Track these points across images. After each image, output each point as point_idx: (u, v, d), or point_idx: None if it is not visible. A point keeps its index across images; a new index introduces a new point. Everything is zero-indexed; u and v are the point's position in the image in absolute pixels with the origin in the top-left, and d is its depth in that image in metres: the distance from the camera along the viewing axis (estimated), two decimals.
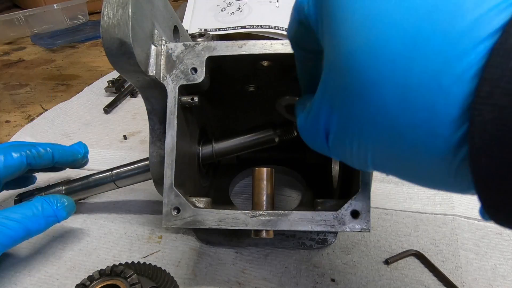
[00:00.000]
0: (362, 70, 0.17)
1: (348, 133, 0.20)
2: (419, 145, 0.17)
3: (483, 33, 0.14)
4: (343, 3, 0.18)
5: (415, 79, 0.16)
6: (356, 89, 0.18)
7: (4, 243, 0.36)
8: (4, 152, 0.42)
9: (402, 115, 0.17)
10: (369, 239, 0.42)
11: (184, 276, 0.39)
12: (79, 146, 0.49)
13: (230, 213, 0.32)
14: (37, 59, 1.09)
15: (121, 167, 0.46)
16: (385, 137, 0.18)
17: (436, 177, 0.18)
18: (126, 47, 0.30)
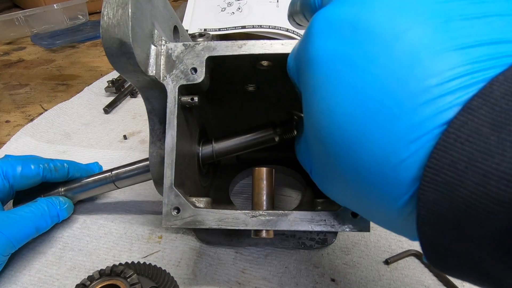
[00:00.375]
0: (327, 144, 0.21)
1: (319, 175, 0.25)
2: (369, 205, 0.21)
3: (415, 137, 0.17)
4: (311, 88, 0.21)
5: (364, 162, 0.19)
6: (323, 155, 0.22)
7: (18, 238, 0.39)
8: (22, 163, 0.44)
9: (355, 181, 0.20)
10: (369, 239, 0.42)
11: (184, 276, 0.39)
12: (95, 166, 0.52)
13: (230, 213, 0.32)
14: (37, 59, 1.09)
15: (120, 167, 0.46)
16: (342, 193, 0.23)
17: (387, 225, 0.22)
18: (126, 47, 0.30)
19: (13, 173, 0.43)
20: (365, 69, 0.18)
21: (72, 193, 0.47)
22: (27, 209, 0.41)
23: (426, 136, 0.16)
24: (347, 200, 0.23)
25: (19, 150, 0.63)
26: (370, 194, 0.20)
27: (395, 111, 0.17)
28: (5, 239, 0.38)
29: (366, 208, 0.22)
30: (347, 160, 0.20)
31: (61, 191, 0.47)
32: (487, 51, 0.16)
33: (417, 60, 0.16)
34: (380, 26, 0.18)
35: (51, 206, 0.43)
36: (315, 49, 0.21)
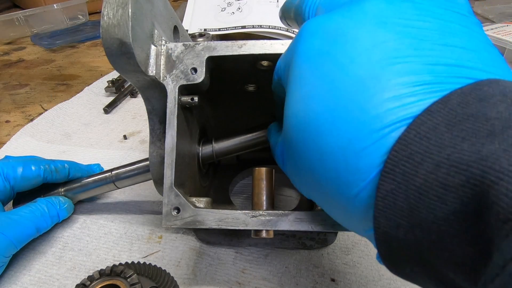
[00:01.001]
0: (300, 130, 0.23)
1: (288, 166, 0.27)
2: (330, 193, 0.22)
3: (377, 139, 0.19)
4: (295, 79, 0.24)
5: (329, 147, 0.21)
6: (295, 143, 0.24)
7: (19, 239, 0.39)
8: (23, 164, 0.44)
9: (319, 166, 0.22)
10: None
11: (184, 276, 0.39)
12: (96, 167, 0.52)
13: (230, 213, 0.32)
14: (37, 59, 1.09)
15: (120, 167, 0.46)
16: (308, 181, 0.25)
17: (344, 219, 0.24)
18: (126, 47, 0.30)
19: (14, 174, 0.43)
20: (344, 64, 0.20)
21: (72, 193, 0.47)
22: (27, 210, 0.41)
23: (389, 129, 0.18)
24: (311, 191, 0.25)
25: (19, 150, 0.63)
26: (331, 181, 0.21)
27: (365, 103, 0.19)
28: (7, 240, 0.38)
29: (326, 199, 0.23)
30: (315, 145, 0.22)
31: (61, 191, 0.47)
32: (449, 71, 0.19)
33: (391, 64, 0.19)
34: (361, 35, 0.21)
35: (50, 206, 0.43)
36: (303, 46, 0.24)
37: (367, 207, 0.20)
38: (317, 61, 0.22)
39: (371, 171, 0.19)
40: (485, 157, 0.15)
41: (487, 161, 0.14)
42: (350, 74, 0.20)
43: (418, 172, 0.17)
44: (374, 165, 0.19)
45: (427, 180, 0.16)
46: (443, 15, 0.20)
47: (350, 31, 0.21)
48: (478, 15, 1.09)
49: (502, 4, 1.12)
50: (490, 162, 0.14)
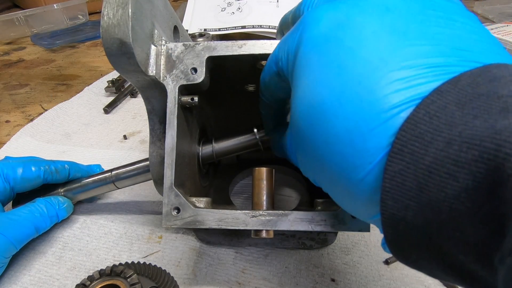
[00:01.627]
0: (310, 115, 0.23)
1: (299, 157, 0.27)
2: (336, 177, 0.22)
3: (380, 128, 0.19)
4: (302, 66, 0.24)
5: (337, 130, 0.21)
6: (301, 133, 0.24)
7: (19, 239, 0.39)
8: (23, 165, 0.44)
9: (327, 151, 0.22)
10: (369, 239, 0.42)
11: (184, 276, 0.39)
12: (96, 168, 0.51)
13: (230, 213, 0.32)
14: (37, 59, 1.09)
15: (120, 168, 0.46)
16: (316, 166, 0.25)
17: (350, 205, 0.23)
18: (126, 47, 0.30)
19: (14, 175, 0.43)
20: (352, 48, 0.20)
21: (72, 193, 0.47)
22: (26, 210, 0.41)
23: (397, 109, 0.18)
24: (319, 176, 0.25)
25: (19, 150, 0.63)
26: (337, 165, 0.21)
27: (373, 84, 0.19)
28: (6, 241, 0.38)
29: (333, 184, 0.23)
30: (322, 130, 0.21)
31: (60, 192, 0.47)
32: (458, 54, 0.19)
33: (399, 47, 0.19)
34: (368, 21, 0.21)
35: (49, 206, 0.43)
36: (309, 33, 0.23)
37: (373, 191, 0.19)
38: (324, 46, 0.22)
39: (378, 153, 0.19)
40: (499, 131, 0.14)
41: (501, 135, 0.14)
42: (358, 58, 0.20)
43: (428, 151, 0.16)
44: (382, 146, 0.18)
45: (438, 158, 0.16)
46: (444, 5, 0.21)
47: (356, 17, 0.21)
48: (478, 15, 1.09)
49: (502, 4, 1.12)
50: (505, 136, 0.14)
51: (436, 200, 0.16)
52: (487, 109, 0.15)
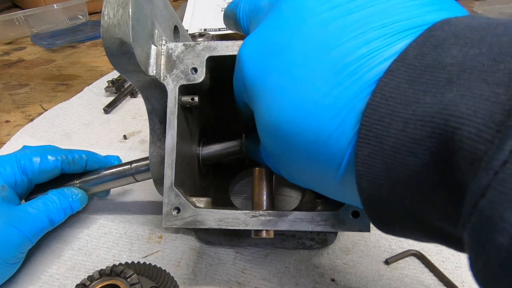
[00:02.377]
0: (272, 137, 0.24)
1: (278, 168, 0.29)
2: (317, 180, 0.24)
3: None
4: (256, 101, 0.25)
5: (302, 145, 0.22)
6: (273, 147, 0.25)
7: (34, 233, 0.39)
8: (40, 155, 0.42)
9: (302, 162, 0.23)
10: (369, 239, 0.42)
11: (184, 276, 0.39)
12: (114, 159, 0.50)
13: (230, 213, 0.32)
14: (37, 59, 1.09)
15: (140, 160, 0.45)
16: (297, 176, 0.27)
17: (333, 194, 0.25)
18: (126, 47, 0.30)
19: (31, 167, 0.41)
20: (290, 63, 0.22)
21: (88, 185, 0.45)
22: (39, 202, 0.40)
23: (353, 101, 0.19)
24: (299, 181, 0.27)
25: None
26: (314, 172, 0.23)
27: (322, 87, 0.20)
28: (22, 236, 0.37)
29: (317, 185, 0.25)
30: (288, 148, 0.23)
31: (76, 183, 0.45)
32: (399, 27, 0.19)
33: (337, 45, 0.20)
34: (296, 35, 0.22)
35: (62, 198, 0.42)
36: (246, 73, 0.25)
37: (352, 182, 0.20)
38: (263, 77, 0.24)
39: (345, 151, 0.20)
40: (446, 106, 0.15)
41: (447, 110, 0.15)
42: (297, 70, 0.21)
43: (389, 132, 0.17)
44: (347, 142, 0.19)
45: (398, 138, 0.17)
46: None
47: (283, 35, 0.22)
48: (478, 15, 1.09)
49: (502, 4, 1.12)
50: (451, 110, 0.15)
51: (403, 177, 0.17)
52: (434, 83, 0.16)
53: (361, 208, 0.22)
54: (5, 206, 0.38)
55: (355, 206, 0.31)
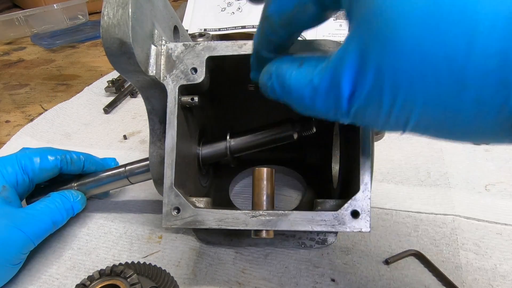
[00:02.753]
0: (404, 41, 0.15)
1: (388, 89, 0.17)
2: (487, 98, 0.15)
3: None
4: None
5: None
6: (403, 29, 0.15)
7: (37, 234, 0.39)
8: (40, 155, 0.43)
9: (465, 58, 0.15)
10: (369, 239, 0.42)
11: (184, 276, 0.39)
12: (111, 161, 0.51)
13: (230, 213, 0.32)
14: (37, 59, 1.09)
15: (134, 163, 0.45)
16: (443, 89, 0.16)
17: (497, 133, 0.16)
18: (126, 47, 0.30)
19: (32, 166, 0.42)
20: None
21: (86, 188, 0.46)
22: (42, 204, 0.41)
23: None
24: (435, 112, 0.17)
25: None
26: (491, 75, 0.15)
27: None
28: (25, 237, 0.37)
29: (474, 113, 0.16)
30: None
31: (74, 186, 0.46)
32: None
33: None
34: None
35: (64, 200, 0.43)
36: None
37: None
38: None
39: None
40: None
41: None
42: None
43: None
44: None
45: None
46: None
47: None
48: None
49: None
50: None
51: None
52: None
53: None
54: (7, 207, 0.38)
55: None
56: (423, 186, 0.49)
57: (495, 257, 0.39)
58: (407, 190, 0.49)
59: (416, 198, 0.47)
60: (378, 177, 0.51)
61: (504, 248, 0.40)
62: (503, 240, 0.41)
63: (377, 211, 0.46)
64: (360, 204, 0.31)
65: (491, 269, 0.38)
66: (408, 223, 0.44)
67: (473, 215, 0.44)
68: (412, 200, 0.47)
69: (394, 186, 0.50)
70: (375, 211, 0.46)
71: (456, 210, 0.45)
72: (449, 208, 0.45)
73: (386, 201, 0.47)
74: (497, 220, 0.43)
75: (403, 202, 0.47)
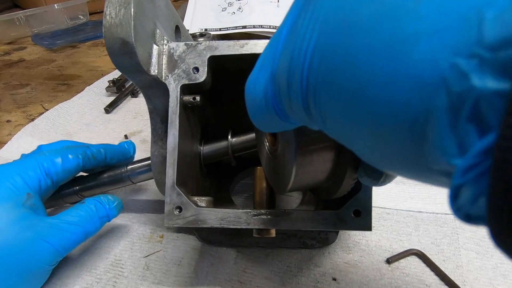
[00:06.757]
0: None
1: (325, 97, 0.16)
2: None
3: None
4: None
5: None
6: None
7: (66, 247, 0.36)
8: (61, 154, 0.40)
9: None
10: (370, 238, 0.42)
11: (185, 275, 0.39)
12: (129, 145, 0.49)
13: (232, 212, 0.32)
14: (38, 59, 1.09)
15: (135, 162, 0.45)
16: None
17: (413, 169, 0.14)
18: (128, 46, 0.30)
19: (55, 169, 0.39)
20: None
21: (87, 190, 0.46)
22: (75, 213, 0.38)
23: None
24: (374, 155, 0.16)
25: (20, 150, 0.63)
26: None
27: None
28: (52, 249, 0.35)
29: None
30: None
31: (76, 189, 0.45)
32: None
33: None
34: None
35: (99, 207, 0.39)
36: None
37: None
38: None
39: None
40: None
41: None
42: None
43: None
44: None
45: None
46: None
47: None
48: None
49: None
50: None
51: None
52: None
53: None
54: (33, 216, 0.36)
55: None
56: (424, 185, 0.49)
57: (496, 256, 0.39)
58: (408, 190, 0.49)
59: (417, 198, 0.47)
60: None
61: None
62: None
63: (378, 210, 0.46)
64: (362, 203, 0.31)
65: (492, 269, 0.38)
66: (409, 222, 0.44)
67: None
68: (413, 199, 0.47)
69: (395, 185, 0.50)
70: (376, 210, 0.46)
71: None
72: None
73: (388, 201, 0.47)
74: None
75: (404, 201, 0.47)
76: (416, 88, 0.12)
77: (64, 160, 0.40)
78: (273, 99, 0.19)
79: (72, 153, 0.41)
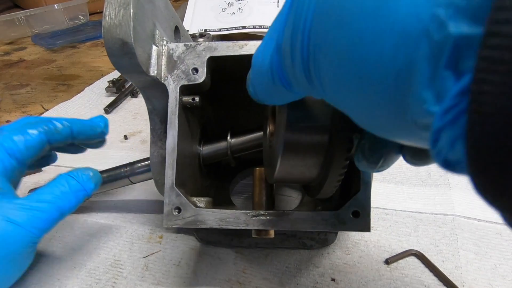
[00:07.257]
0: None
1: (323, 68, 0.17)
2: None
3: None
4: None
5: None
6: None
7: (39, 227, 0.34)
8: (21, 132, 0.38)
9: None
10: (369, 239, 0.42)
11: (184, 276, 0.39)
12: (99, 120, 0.46)
13: (231, 213, 0.32)
14: (38, 59, 1.09)
15: (135, 162, 0.45)
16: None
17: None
18: (128, 47, 0.30)
19: (17, 147, 0.37)
20: None
21: None
22: (45, 190, 0.36)
23: None
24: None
25: None
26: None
27: None
28: (23, 231, 0.33)
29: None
30: None
31: None
32: None
33: None
34: None
35: (70, 180, 0.37)
36: None
37: None
38: None
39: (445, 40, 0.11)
40: None
41: None
42: None
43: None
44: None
45: None
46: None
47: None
48: None
49: None
50: None
51: None
52: None
53: None
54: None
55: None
56: (423, 186, 0.49)
57: (495, 257, 0.39)
58: (407, 190, 0.49)
59: (416, 198, 0.48)
60: (378, 177, 0.51)
61: (504, 248, 0.40)
62: (503, 240, 0.41)
63: (377, 211, 0.46)
64: (361, 204, 0.31)
65: (491, 269, 0.38)
66: (408, 223, 0.44)
67: (473, 215, 0.44)
68: (412, 200, 0.47)
69: (394, 186, 0.50)
70: (375, 211, 0.46)
71: (456, 210, 0.45)
72: (449, 208, 0.46)
73: (387, 201, 0.47)
74: (497, 220, 0.43)
75: (403, 202, 0.47)
76: (401, 42, 0.12)
77: (26, 137, 0.38)
78: (278, 68, 0.20)
79: (32, 128, 0.38)
